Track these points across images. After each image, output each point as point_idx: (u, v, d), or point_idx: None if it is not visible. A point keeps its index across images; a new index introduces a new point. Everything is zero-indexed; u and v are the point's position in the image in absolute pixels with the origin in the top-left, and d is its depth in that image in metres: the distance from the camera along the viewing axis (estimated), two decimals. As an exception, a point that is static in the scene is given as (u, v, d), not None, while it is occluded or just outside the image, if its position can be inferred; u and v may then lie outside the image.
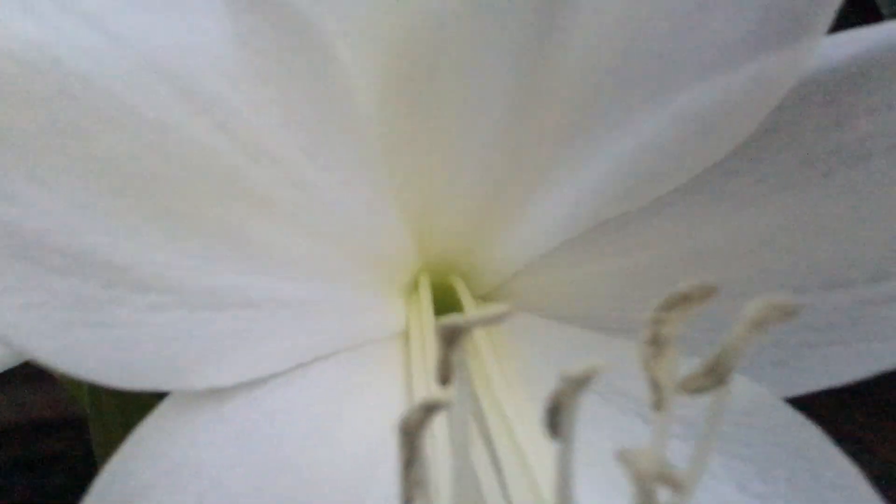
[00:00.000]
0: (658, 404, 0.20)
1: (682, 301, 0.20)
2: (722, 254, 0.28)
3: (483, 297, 0.33)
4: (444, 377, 0.20)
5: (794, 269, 0.27)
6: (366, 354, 0.29)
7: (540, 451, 0.25)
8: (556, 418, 0.18)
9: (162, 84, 0.21)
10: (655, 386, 0.20)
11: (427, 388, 0.29)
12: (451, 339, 0.20)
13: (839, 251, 0.26)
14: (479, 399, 0.27)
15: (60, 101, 0.20)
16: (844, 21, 0.26)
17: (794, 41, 0.24)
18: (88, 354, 0.21)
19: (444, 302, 0.32)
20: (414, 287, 0.32)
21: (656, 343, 0.20)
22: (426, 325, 0.31)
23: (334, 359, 0.28)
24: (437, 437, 0.24)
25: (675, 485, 0.17)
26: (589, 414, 0.27)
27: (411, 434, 0.19)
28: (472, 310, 0.32)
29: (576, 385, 0.18)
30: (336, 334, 0.29)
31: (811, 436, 0.24)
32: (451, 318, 0.21)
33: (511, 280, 0.32)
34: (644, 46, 0.25)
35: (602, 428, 0.27)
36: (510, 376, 0.30)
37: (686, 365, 0.21)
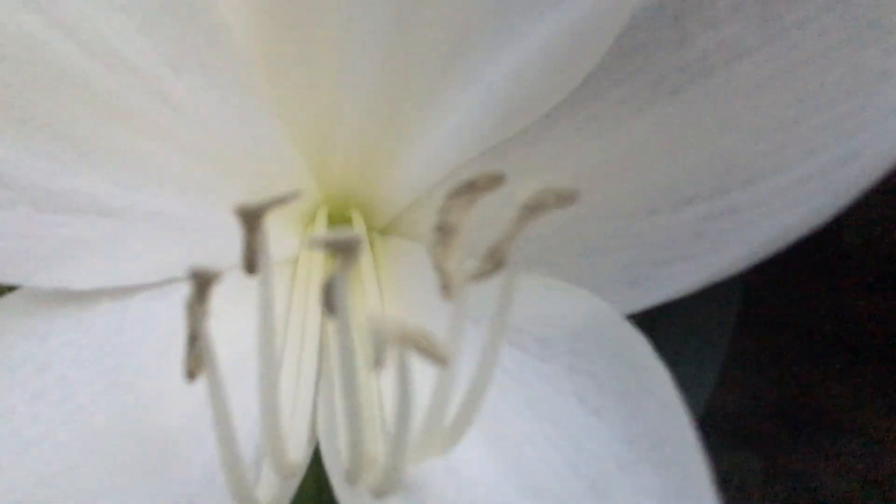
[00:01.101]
0: (444, 290, 0.21)
1: (468, 189, 0.20)
2: (592, 176, 0.28)
3: (381, 231, 0.33)
4: (249, 262, 0.21)
5: (648, 189, 0.27)
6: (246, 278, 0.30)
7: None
8: (331, 296, 0.19)
9: None
10: (441, 271, 0.21)
11: (304, 316, 0.30)
12: (249, 222, 0.21)
13: (686, 169, 0.26)
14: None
15: None
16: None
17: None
18: None
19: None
20: (311, 218, 0.33)
21: (443, 230, 0.20)
22: (317, 255, 0.32)
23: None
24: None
25: (436, 356, 0.18)
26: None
27: (194, 309, 0.20)
28: (367, 242, 0.32)
29: (343, 256, 0.18)
30: (214, 254, 0.30)
31: (640, 349, 0.25)
32: (248, 203, 0.22)
33: (406, 212, 0.33)
34: None
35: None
36: (387, 298, 0.30)
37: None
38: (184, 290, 0.28)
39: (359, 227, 0.32)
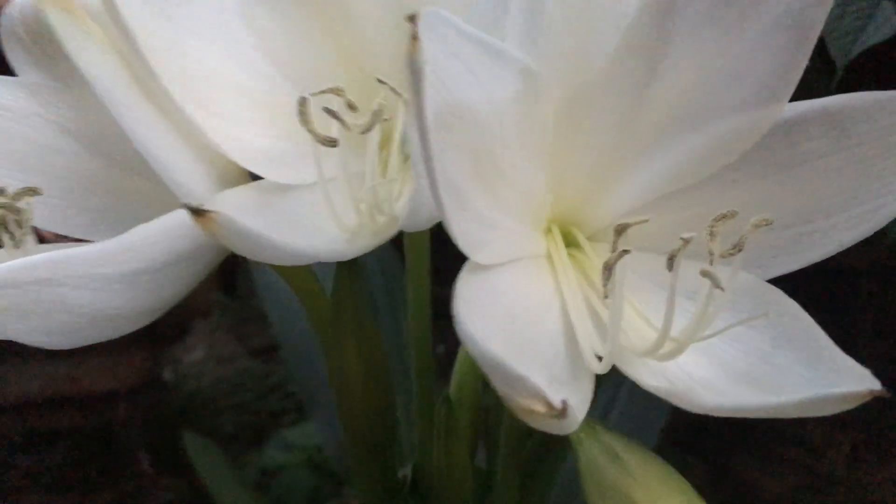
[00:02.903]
0: (710, 261, 0.45)
1: (721, 217, 0.45)
2: (740, 207, 0.53)
3: (590, 238, 0.56)
4: (607, 274, 0.45)
5: (773, 215, 0.52)
6: (534, 262, 0.54)
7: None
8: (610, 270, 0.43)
9: (467, 122, 0.44)
10: (710, 253, 0.45)
11: (567, 281, 0.53)
12: (619, 231, 0.45)
13: (789, 207, 0.51)
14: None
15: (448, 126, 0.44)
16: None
17: (775, 103, 0.49)
18: None
19: (567, 240, 0.53)
20: (548, 230, 0.57)
21: (711, 234, 0.45)
22: (562, 251, 0.55)
23: (521, 262, 0.52)
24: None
25: (716, 282, 0.43)
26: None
27: (609, 269, 0.44)
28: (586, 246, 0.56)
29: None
30: (519, 249, 0.53)
31: (775, 294, 0.49)
32: (623, 221, 0.46)
33: (608, 228, 0.56)
34: (695, 98, 0.50)
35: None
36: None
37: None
38: (508, 268, 0.52)
39: (579, 237, 0.56)
